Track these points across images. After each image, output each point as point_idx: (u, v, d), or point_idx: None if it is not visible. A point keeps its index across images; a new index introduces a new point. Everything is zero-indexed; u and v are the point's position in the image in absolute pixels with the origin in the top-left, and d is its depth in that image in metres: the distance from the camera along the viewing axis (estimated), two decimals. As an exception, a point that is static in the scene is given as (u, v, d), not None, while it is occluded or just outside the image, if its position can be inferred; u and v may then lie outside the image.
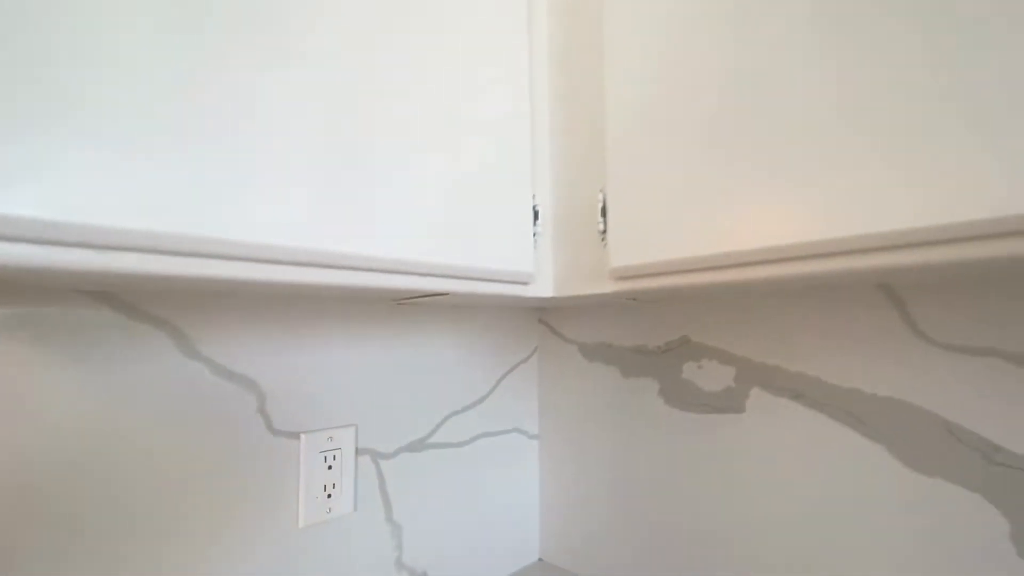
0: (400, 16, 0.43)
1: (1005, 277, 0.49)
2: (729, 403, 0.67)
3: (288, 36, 0.36)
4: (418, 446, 0.72)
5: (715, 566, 0.67)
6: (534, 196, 0.54)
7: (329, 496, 0.62)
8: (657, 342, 0.74)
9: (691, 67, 0.43)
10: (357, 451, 0.66)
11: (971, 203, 0.29)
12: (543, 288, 0.55)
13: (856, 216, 0.34)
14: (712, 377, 0.68)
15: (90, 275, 0.31)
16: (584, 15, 0.56)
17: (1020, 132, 0.28)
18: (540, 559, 0.88)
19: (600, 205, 0.50)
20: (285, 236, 0.34)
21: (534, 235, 0.53)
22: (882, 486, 0.54)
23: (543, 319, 0.91)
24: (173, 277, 0.32)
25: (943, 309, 0.52)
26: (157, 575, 0.50)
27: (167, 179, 0.30)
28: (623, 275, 0.48)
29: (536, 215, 0.54)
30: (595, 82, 0.53)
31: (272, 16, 0.36)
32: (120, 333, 0.49)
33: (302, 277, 0.36)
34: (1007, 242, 0.29)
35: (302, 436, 0.61)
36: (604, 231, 0.50)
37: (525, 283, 0.53)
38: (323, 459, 0.62)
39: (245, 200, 0.33)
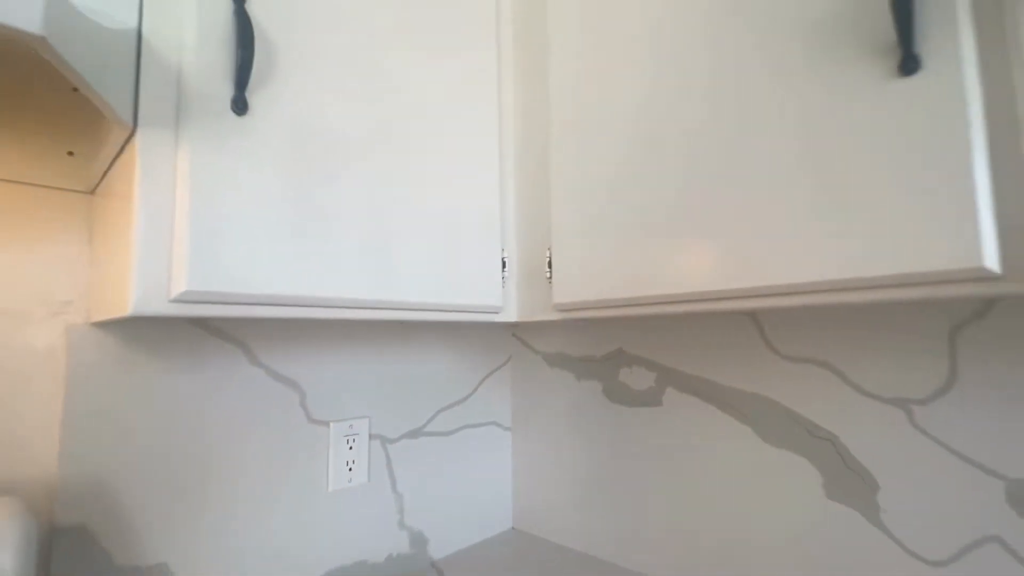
0: (418, 139, 0.65)
1: (832, 311, 0.72)
2: (651, 399, 0.89)
3: (343, 164, 0.57)
4: (416, 434, 0.93)
5: (647, 518, 0.89)
6: (503, 251, 0.76)
7: (350, 469, 0.83)
8: (600, 353, 0.96)
9: (605, 173, 0.65)
10: (370, 436, 0.86)
11: (805, 269, 0.51)
12: (509, 315, 0.76)
13: (729, 275, 0.56)
14: (639, 379, 0.91)
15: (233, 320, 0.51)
16: (535, 119, 0.77)
17: (828, 231, 0.51)
18: (513, 528, 1.09)
19: (547, 259, 0.72)
20: (344, 290, 0.55)
21: (503, 279, 0.75)
22: (750, 455, 0.77)
23: (516, 334, 1.13)
24: (283, 319, 0.52)
25: (788, 331, 0.75)
26: (232, 523, 0.70)
27: (295, 262, 0.51)
28: (561, 308, 0.69)
29: (504, 265, 0.76)
30: (544, 176, 0.75)
31: (322, 154, 0.57)
32: (208, 346, 0.70)
33: (355, 316, 0.57)
34: (830, 295, 0.51)
35: (331, 424, 0.81)
36: (550, 277, 0.71)
37: (496, 312, 0.74)
38: (345, 442, 0.83)
39: (326, 271, 0.53)
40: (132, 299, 0.42)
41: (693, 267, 0.55)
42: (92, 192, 0.64)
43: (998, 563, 0.57)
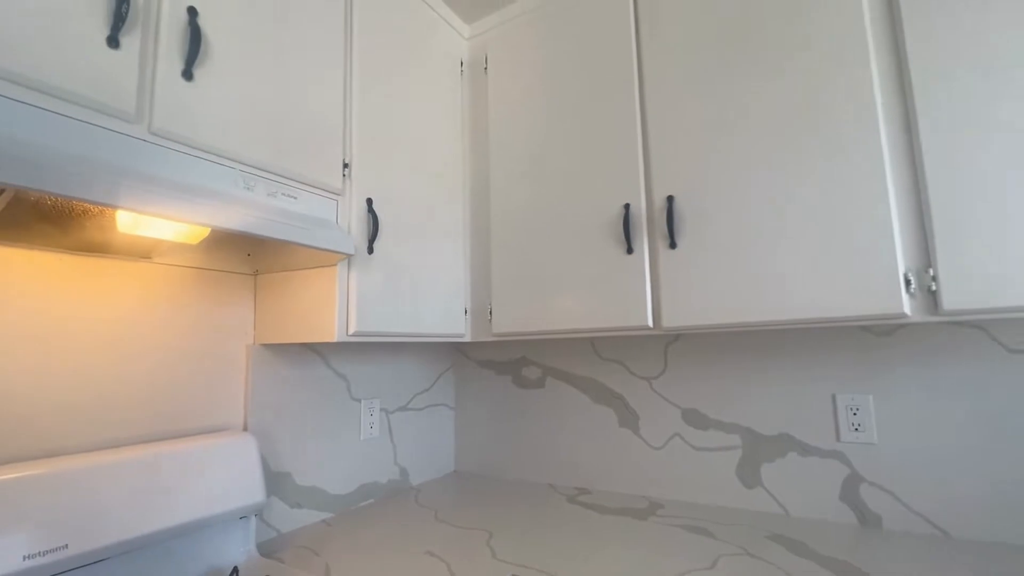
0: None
1: (625, 339, 1.49)
2: (539, 384, 1.61)
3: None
4: (403, 409, 1.55)
5: (535, 452, 1.59)
6: (465, 303, 1.43)
7: (371, 428, 1.43)
8: (511, 358, 1.67)
9: (518, 263, 1.35)
10: (381, 409, 1.47)
11: (623, 318, 1.24)
12: (467, 339, 1.43)
13: (586, 320, 1.28)
14: (533, 373, 1.62)
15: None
16: (482, 229, 1.46)
17: (627, 293, 1.24)
18: (455, 470, 1.74)
19: (489, 308, 1.41)
20: (411, 327, 1.18)
21: (465, 316, 1.42)
22: (587, 409, 1.51)
23: (458, 348, 1.79)
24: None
25: (605, 346, 1.51)
26: (316, 453, 1.27)
27: (392, 317, 1.13)
28: (496, 335, 1.38)
29: (466, 311, 1.43)
30: (487, 262, 1.44)
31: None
32: (309, 357, 1.27)
33: (394, 340, 1.20)
34: (620, 332, 1.24)
35: (362, 401, 1.41)
36: (490, 319, 1.40)
37: (462, 337, 1.41)
38: (369, 412, 1.43)
39: (410, 321, 1.16)
40: (336, 333, 1.03)
41: (562, 313, 1.28)
42: (255, 274, 1.20)
43: (683, 447, 1.37)
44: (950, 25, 0.90)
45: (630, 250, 1.18)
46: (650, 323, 1.15)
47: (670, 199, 1.13)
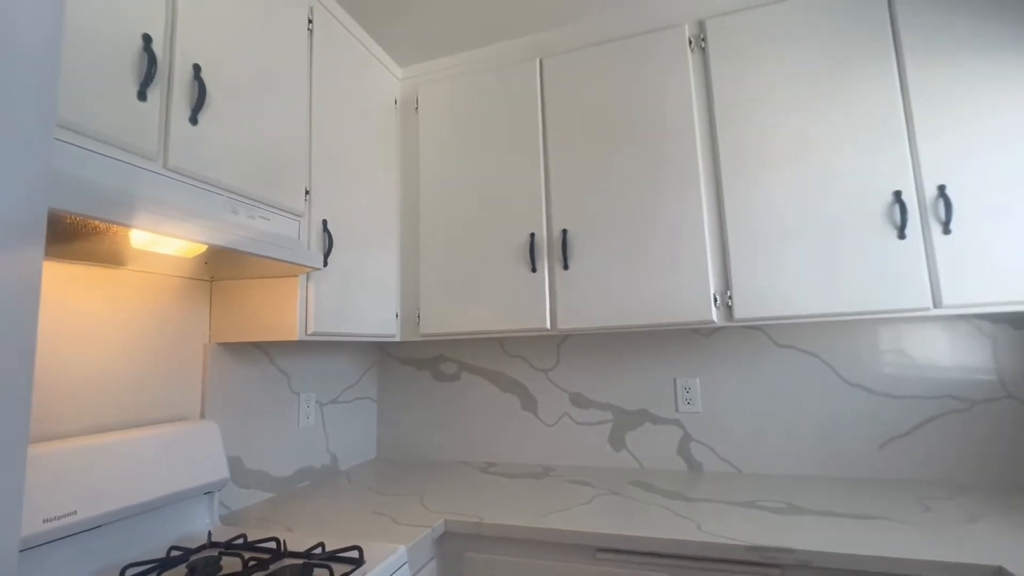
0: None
1: (523, 338, 1.84)
2: (455, 378, 1.90)
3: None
4: (334, 402, 1.75)
5: (451, 435, 1.88)
6: (397, 308, 1.68)
7: (308, 418, 1.61)
8: (431, 356, 1.94)
9: (438, 273, 1.63)
10: (316, 402, 1.65)
11: (528, 322, 1.56)
12: (398, 337, 1.67)
13: (498, 323, 1.58)
14: (450, 368, 1.91)
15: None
16: (411, 246, 1.72)
17: (530, 301, 1.56)
18: (376, 456, 1.96)
19: (418, 313, 1.67)
20: (360, 327, 1.40)
21: (397, 320, 1.66)
22: (496, 397, 1.84)
23: (380, 347, 2.01)
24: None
25: (512, 343, 1.85)
26: (260, 438, 1.44)
27: (344, 319, 1.34)
28: (423, 335, 1.65)
29: (397, 315, 1.67)
30: (416, 272, 1.70)
31: (342, 272, 1.42)
32: (255, 355, 1.43)
33: (336, 339, 1.42)
34: (527, 332, 1.56)
35: (300, 394, 1.59)
36: (419, 322, 1.66)
37: (393, 337, 1.65)
38: (306, 404, 1.61)
39: (356, 323, 1.38)
40: (298, 333, 1.23)
41: (479, 318, 1.59)
42: (211, 280, 1.34)
43: (570, 423, 1.74)
44: (743, 122, 1.38)
45: (534, 269, 1.52)
46: (548, 326, 1.50)
47: (564, 231, 1.50)
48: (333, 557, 0.96)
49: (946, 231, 1.20)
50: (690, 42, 1.46)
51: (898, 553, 0.93)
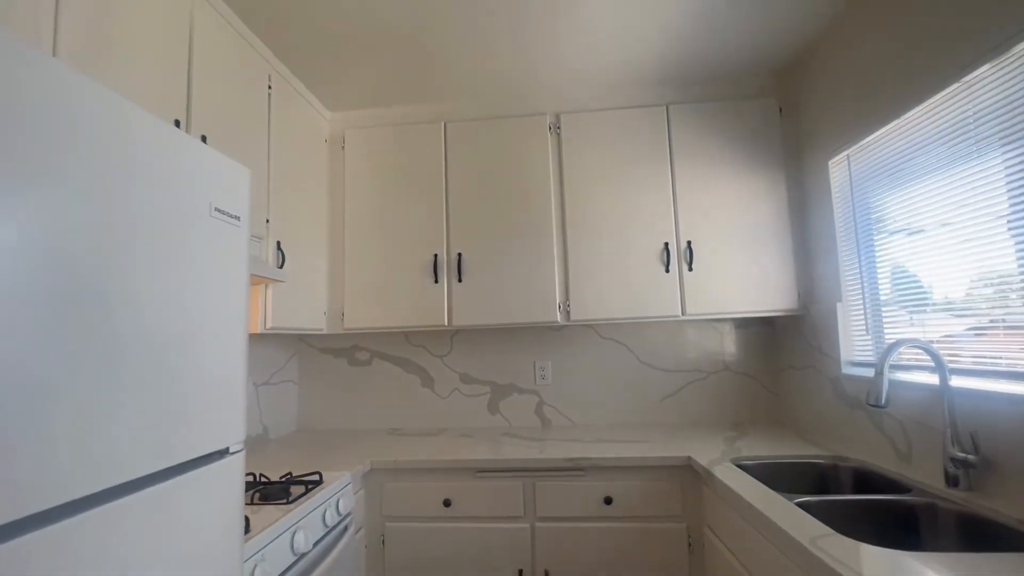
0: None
1: (427, 332, 2.37)
2: (368, 363, 2.37)
3: (289, 283, 1.84)
4: (267, 383, 2.12)
5: (366, 417, 2.35)
6: (325, 307, 2.11)
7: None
8: (347, 346, 2.39)
9: (358, 279, 2.10)
10: (252, 383, 2.03)
11: (429, 320, 2.07)
12: (326, 331, 2.10)
13: (407, 320, 2.08)
14: (363, 356, 2.37)
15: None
16: (339, 238, 2.15)
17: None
18: (297, 428, 2.35)
19: (342, 311, 2.12)
20: (300, 322, 1.82)
21: (324, 316, 2.10)
22: (403, 381, 2.35)
23: (301, 338, 2.40)
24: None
25: (422, 337, 2.37)
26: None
27: (292, 314, 1.75)
28: (347, 329, 2.10)
29: (325, 313, 2.11)
30: (343, 279, 2.14)
31: (287, 279, 1.83)
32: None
33: (286, 332, 1.83)
34: (428, 329, 2.08)
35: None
36: (343, 318, 2.11)
37: (321, 330, 2.08)
38: (252, 386, 1.98)
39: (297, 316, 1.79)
40: (260, 328, 1.64)
41: (391, 315, 2.09)
42: (178, 284, 1.67)
43: (459, 396, 2.32)
44: (582, 190, 2.06)
45: (436, 280, 2.07)
46: (446, 323, 2.06)
47: (460, 254, 2.07)
48: (301, 480, 1.43)
49: (690, 269, 1.98)
50: (550, 127, 2.11)
51: (644, 454, 1.66)
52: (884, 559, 0.88)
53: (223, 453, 0.93)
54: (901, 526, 1.25)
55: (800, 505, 1.21)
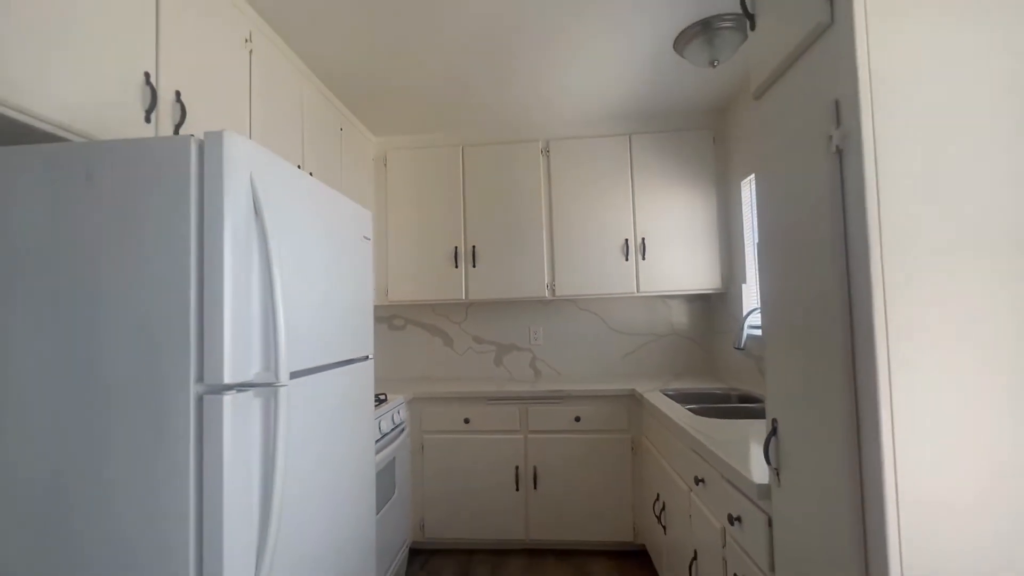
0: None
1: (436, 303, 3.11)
2: (403, 328, 3.12)
3: (353, 267, 2.57)
4: (330, 341, 2.87)
5: (400, 370, 3.11)
6: (372, 290, 2.84)
7: (320, 349, 2.73)
8: (389, 315, 3.13)
9: (401, 263, 2.83)
10: (323, 339, 2.77)
11: (450, 294, 2.80)
12: (375, 302, 2.84)
13: (435, 295, 2.81)
14: (399, 323, 3.12)
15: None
16: (383, 234, 2.87)
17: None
18: (350, 377, 3.12)
19: (386, 288, 2.85)
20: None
21: (373, 292, 2.83)
22: (438, 348, 3.10)
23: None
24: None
25: (442, 308, 3.11)
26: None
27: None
28: (389, 302, 2.83)
29: (374, 290, 2.84)
30: (386, 260, 2.87)
31: (352, 265, 2.56)
32: (298, 310, 2.53)
33: None
34: (454, 302, 2.81)
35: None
36: (387, 293, 2.84)
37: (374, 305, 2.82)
38: (319, 340, 2.73)
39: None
40: (338, 299, 2.38)
41: (423, 291, 2.82)
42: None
43: (473, 353, 3.07)
44: (566, 201, 2.77)
45: (456, 266, 2.80)
46: (463, 297, 2.79)
47: (474, 246, 2.79)
48: (375, 397, 2.18)
49: (643, 258, 2.70)
50: (542, 151, 2.81)
51: (603, 387, 2.41)
52: (714, 424, 1.63)
53: (366, 357, 1.67)
54: (747, 415, 2.00)
55: (690, 410, 1.96)
